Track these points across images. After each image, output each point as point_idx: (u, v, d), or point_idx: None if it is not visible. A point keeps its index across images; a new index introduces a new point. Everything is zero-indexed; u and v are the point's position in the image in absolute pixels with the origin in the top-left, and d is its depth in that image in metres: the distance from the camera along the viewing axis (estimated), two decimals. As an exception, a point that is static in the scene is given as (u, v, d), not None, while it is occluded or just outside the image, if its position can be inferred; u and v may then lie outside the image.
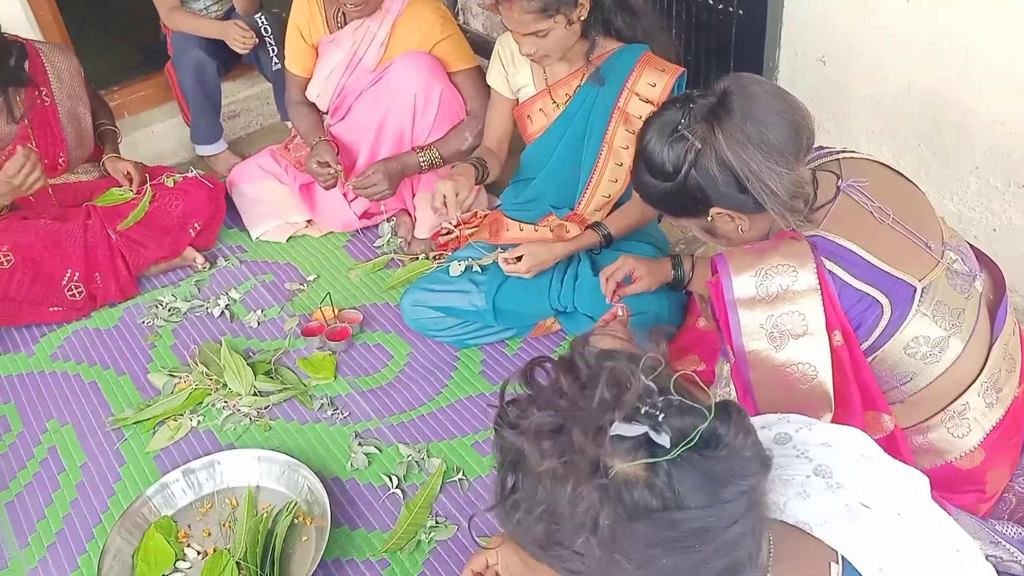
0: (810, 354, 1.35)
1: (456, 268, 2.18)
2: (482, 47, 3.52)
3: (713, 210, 1.41)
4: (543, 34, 1.91)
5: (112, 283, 2.44)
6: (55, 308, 2.39)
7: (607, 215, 2.16)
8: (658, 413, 0.84)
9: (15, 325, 2.40)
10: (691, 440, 0.82)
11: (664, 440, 0.82)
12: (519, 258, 2.04)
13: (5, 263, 2.30)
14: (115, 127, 2.70)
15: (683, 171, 1.37)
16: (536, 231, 2.23)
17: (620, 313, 1.76)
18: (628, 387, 0.85)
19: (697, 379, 0.90)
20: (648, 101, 2.02)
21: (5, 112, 2.35)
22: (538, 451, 0.85)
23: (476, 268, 2.17)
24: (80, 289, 2.40)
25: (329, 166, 2.40)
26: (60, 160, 2.50)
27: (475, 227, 2.46)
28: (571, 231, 2.16)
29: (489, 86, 2.28)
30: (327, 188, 2.45)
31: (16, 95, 2.35)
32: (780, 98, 1.36)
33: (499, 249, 2.19)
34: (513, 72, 2.18)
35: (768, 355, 1.36)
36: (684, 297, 2.09)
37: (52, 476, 2.01)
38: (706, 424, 0.84)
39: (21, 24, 2.66)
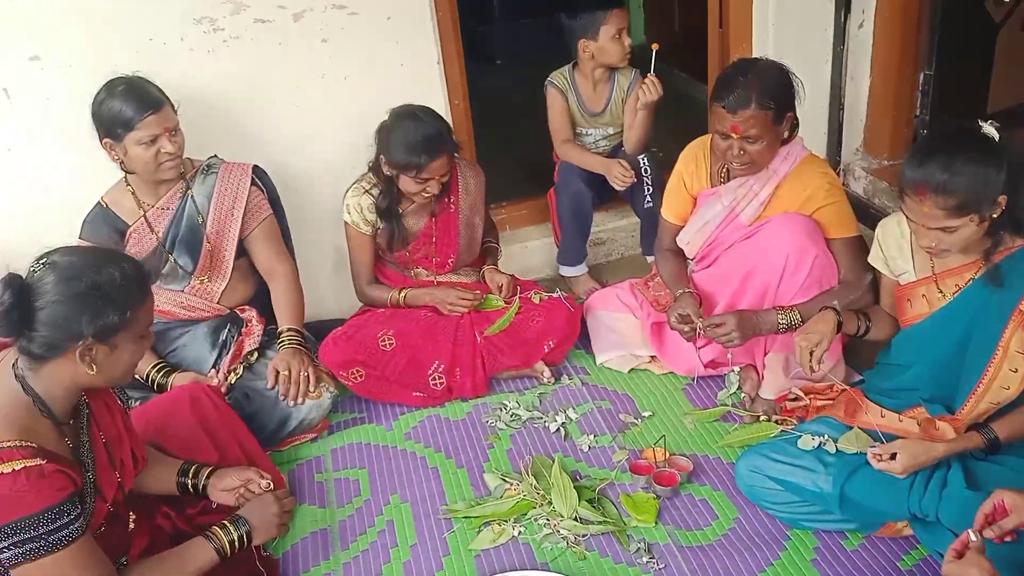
0: None
1: (807, 442, 2.06)
2: (863, 211, 3.41)
3: None
4: (951, 230, 1.79)
5: (468, 380, 2.65)
6: (418, 393, 2.65)
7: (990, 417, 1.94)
8: None
9: (382, 401, 2.69)
10: None
11: None
12: (894, 455, 1.88)
13: (387, 346, 2.60)
14: (498, 245, 2.98)
15: None
16: (900, 421, 2.05)
17: (974, 539, 1.55)
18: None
19: None
20: None
21: (427, 209, 2.71)
22: None
23: (830, 448, 2.03)
24: (442, 380, 2.64)
25: (690, 320, 2.43)
26: (450, 260, 2.81)
27: (829, 400, 2.33)
28: (942, 430, 1.96)
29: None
30: (687, 340, 2.47)
31: (432, 202, 2.70)
32: None
33: (855, 429, 2.05)
34: (892, 258, 2.08)
35: None
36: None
37: (385, 548, 2.18)
38: None
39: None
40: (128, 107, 2.33)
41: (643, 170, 3.07)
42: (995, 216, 1.79)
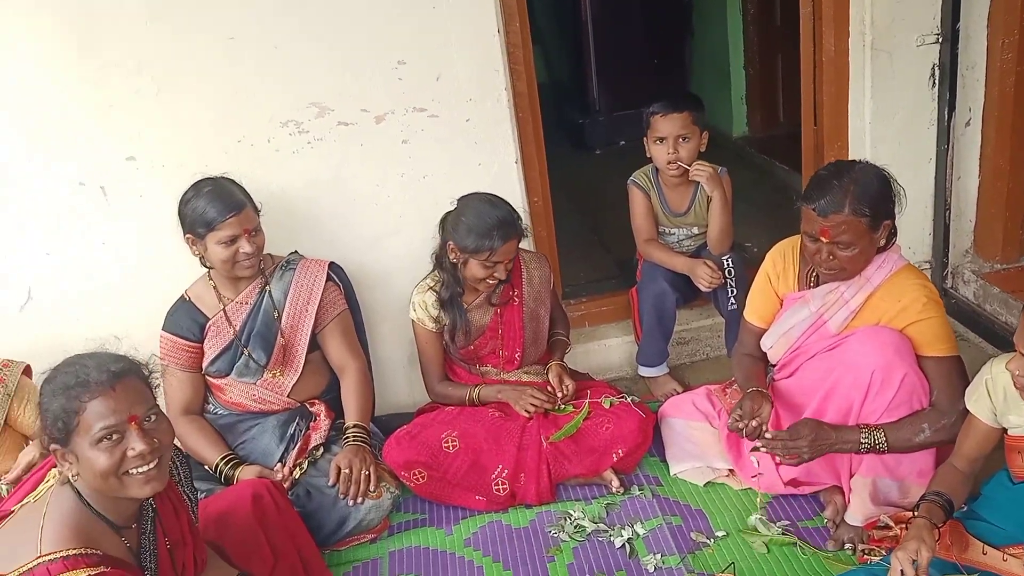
0: None
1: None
2: (970, 318, 3.17)
3: None
4: None
5: (533, 486, 2.56)
6: (480, 497, 2.57)
7: None
8: None
9: (444, 504, 2.62)
10: None
11: None
12: None
13: (451, 448, 2.55)
14: (567, 338, 2.91)
15: None
16: (1004, 560, 1.85)
17: None
18: None
19: None
20: None
21: (491, 304, 2.70)
22: None
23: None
24: (505, 486, 2.55)
25: (741, 420, 2.28)
26: (516, 355, 2.76)
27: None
28: None
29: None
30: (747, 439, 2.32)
31: (495, 291, 2.68)
32: None
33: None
34: (1004, 410, 1.88)
35: None
36: None
37: (431, 665, 2.09)
38: None
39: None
40: (212, 208, 2.42)
41: (727, 270, 2.95)
42: None
